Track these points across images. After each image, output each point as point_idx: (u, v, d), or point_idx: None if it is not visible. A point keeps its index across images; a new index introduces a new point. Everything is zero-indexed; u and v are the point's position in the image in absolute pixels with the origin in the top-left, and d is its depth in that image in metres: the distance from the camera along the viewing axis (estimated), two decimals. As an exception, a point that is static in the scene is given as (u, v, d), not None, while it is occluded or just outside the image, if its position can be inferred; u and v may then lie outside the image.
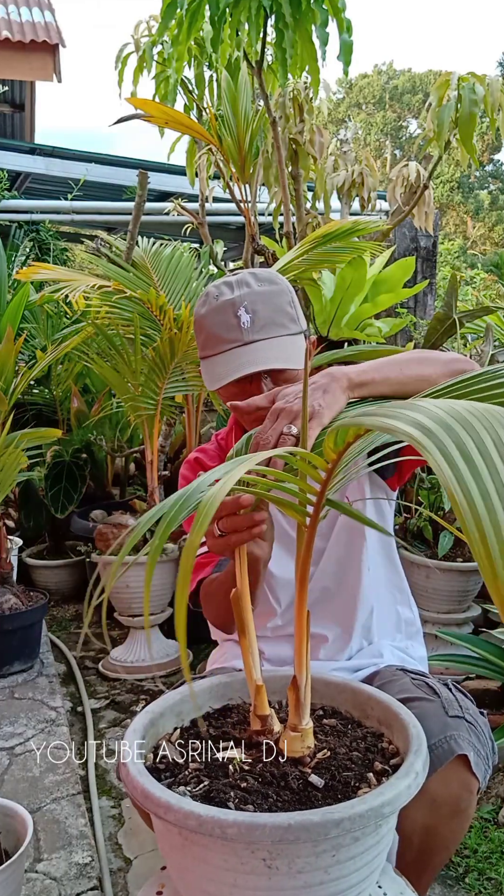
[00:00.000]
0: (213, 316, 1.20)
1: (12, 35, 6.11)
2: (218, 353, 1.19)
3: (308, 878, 0.74)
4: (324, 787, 0.82)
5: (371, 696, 0.97)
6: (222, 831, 0.72)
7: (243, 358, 1.17)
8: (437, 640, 2.48)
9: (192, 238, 4.84)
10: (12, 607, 2.53)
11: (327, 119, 13.80)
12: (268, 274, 1.23)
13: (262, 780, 0.84)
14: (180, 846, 0.79)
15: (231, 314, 1.18)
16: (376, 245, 2.52)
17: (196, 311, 1.25)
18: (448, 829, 1.07)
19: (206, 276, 3.22)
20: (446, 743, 1.02)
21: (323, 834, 0.71)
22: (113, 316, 2.62)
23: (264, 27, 2.40)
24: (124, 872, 1.63)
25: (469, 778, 1.03)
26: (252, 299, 1.18)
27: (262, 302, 1.18)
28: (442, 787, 1.02)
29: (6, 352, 2.51)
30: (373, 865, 0.80)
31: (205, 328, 1.22)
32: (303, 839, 0.71)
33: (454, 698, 1.10)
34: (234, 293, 1.19)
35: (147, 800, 0.78)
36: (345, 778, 0.83)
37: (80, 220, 5.61)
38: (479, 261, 13.06)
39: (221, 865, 0.76)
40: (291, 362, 1.18)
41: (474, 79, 2.55)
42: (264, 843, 0.72)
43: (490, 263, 9.14)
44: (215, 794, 0.81)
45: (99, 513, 3.38)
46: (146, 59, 3.05)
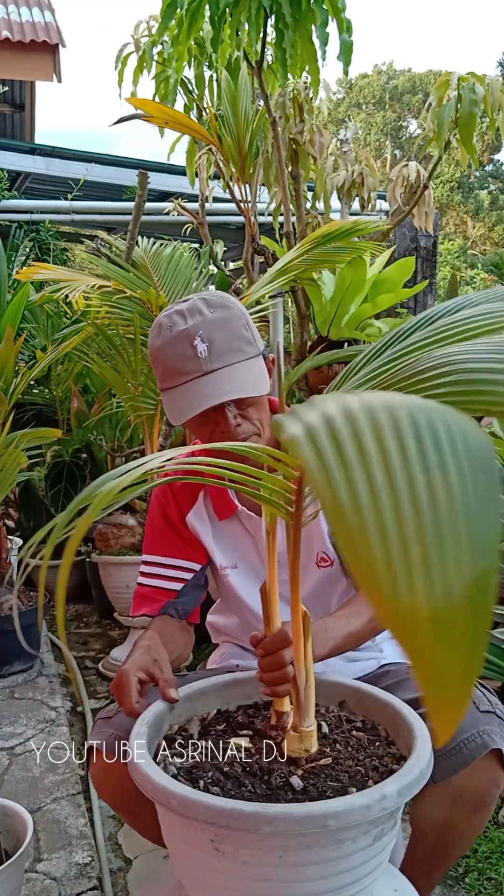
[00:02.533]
0: (168, 348, 1.17)
1: (12, 35, 6.11)
2: (178, 385, 1.17)
3: (259, 872, 0.77)
4: (301, 790, 0.83)
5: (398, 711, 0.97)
6: (167, 801, 0.77)
7: (205, 389, 1.14)
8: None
9: (192, 238, 4.84)
10: (12, 607, 2.53)
11: (327, 119, 13.81)
12: (219, 299, 1.20)
13: (246, 770, 0.86)
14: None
15: (187, 345, 1.14)
16: (376, 245, 2.52)
17: (150, 343, 1.21)
18: (468, 825, 1.07)
19: (206, 276, 3.22)
20: (479, 738, 1.02)
21: (254, 827, 0.73)
22: (113, 316, 2.62)
23: (264, 27, 2.40)
24: (124, 872, 1.63)
25: (499, 773, 1.03)
26: (207, 328, 1.15)
27: (217, 329, 1.15)
28: (468, 781, 1.02)
29: (6, 352, 2.51)
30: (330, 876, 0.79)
31: (161, 361, 1.19)
32: (242, 828, 0.73)
33: (482, 693, 1.10)
34: (188, 322, 1.16)
35: (133, 769, 0.84)
36: (327, 787, 0.83)
37: (80, 220, 5.60)
38: (479, 261, 13.07)
39: (182, 836, 0.82)
40: (254, 389, 1.16)
41: (474, 79, 2.55)
42: (200, 823, 0.75)
43: (490, 263, 9.14)
44: (195, 773, 0.86)
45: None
46: (146, 59, 3.05)
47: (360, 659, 1.28)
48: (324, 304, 2.83)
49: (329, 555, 1.28)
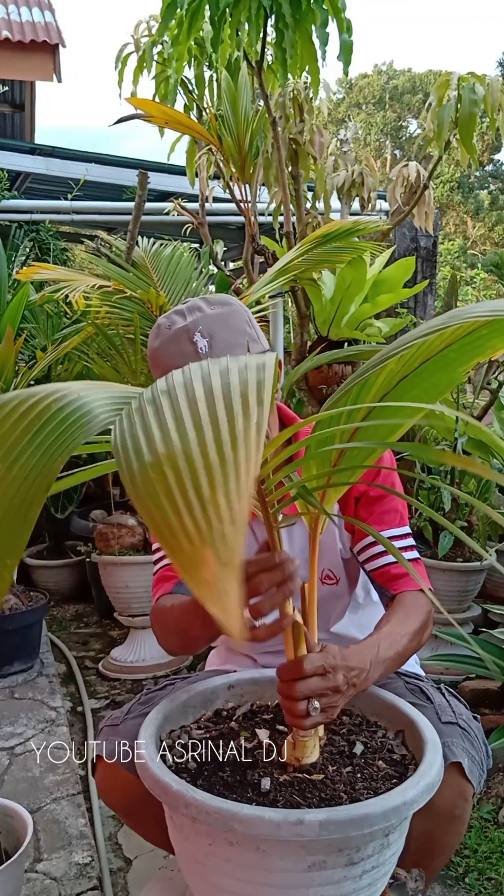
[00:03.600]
0: (167, 346, 1.11)
1: (12, 35, 6.11)
2: None
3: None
4: (265, 792, 0.84)
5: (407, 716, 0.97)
6: (180, 805, 0.79)
7: None
8: (437, 640, 2.47)
9: (192, 238, 4.83)
10: (12, 607, 2.53)
11: (327, 119, 13.80)
12: (220, 297, 1.15)
13: (234, 767, 0.88)
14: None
15: (186, 341, 1.09)
16: (376, 245, 2.52)
17: (150, 345, 1.16)
18: (444, 835, 1.06)
19: (206, 276, 3.22)
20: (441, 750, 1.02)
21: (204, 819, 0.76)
22: (113, 316, 2.62)
23: (264, 27, 2.40)
24: (124, 872, 1.63)
25: (464, 784, 1.01)
26: (207, 323, 1.09)
27: (218, 324, 1.09)
28: (437, 794, 1.01)
29: (6, 352, 2.51)
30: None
31: (160, 361, 1.12)
32: (203, 820, 0.76)
33: (447, 703, 1.09)
34: (188, 319, 1.10)
35: (138, 759, 0.88)
36: (299, 801, 0.83)
37: (80, 220, 5.60)
38: (479, 261, 13.06)
39: (193, 839, 0.84)
40: None
41: (474, 79, 2.55)
42: (180, 811, 0.78)
43: (490, 263, 9.14)
44: (182, 764, 0.91)
45: (99, 513, 3.38)
46: (146, 59, 3.05)
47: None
48: (324, 304, 2.83)
49: (335, 573, 1.26)
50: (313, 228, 2.96)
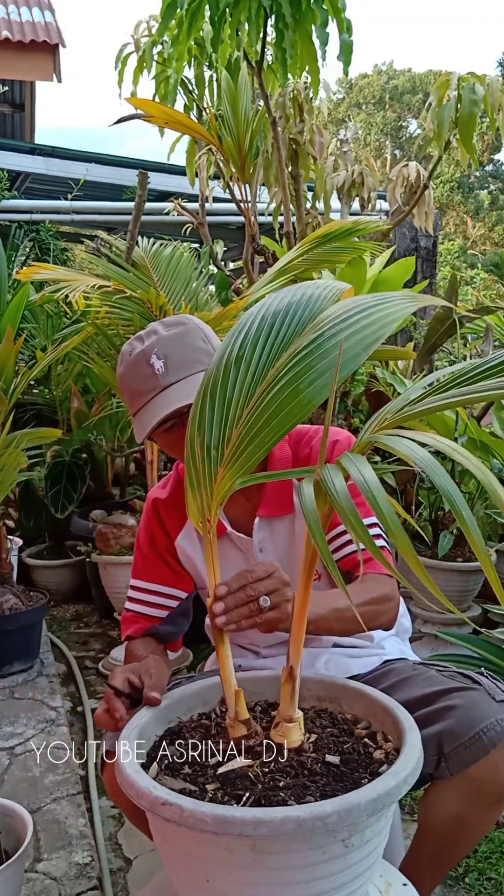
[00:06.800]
0: (129, 371, 1.23)
1: (12, 35, 6.11)
2: (143, 406, 1.21)
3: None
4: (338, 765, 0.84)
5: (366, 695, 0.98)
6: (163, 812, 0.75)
7: (161, 402, 1.19)
8: (437, 640, 2.47)
9: (192, 238, 4.83)
10: (12, 607, 2.53)
11: (327, 119, 13.80)
12: (175, 318, 1.26)
13: (285, 773, 0.85)
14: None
15: (144, 364, 1.20)
16: (376, 245, 2.51)
17: (117, 372, 1.27)
18: (482, 819, 1.06)
19: (206, 276, 3.22)
20: (498, 725, 1.02)
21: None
22: (113, 316, 2.62)
23: (264, 27, 2.40)
24: (124, 872, 1.63)
25: None
26: (162, 345, 1.20)
27: (172, 345, 1.20)
28: (490, 773, 1.02)
29: (6, 352, 2.51)
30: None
31: (126, 385, 1.24)
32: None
33: (494, 684, 1.10)
34: (145, 343, 1.22)
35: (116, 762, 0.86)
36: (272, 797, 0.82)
37: (80, 220, 5.60)
38: (479, 261, 13.06)
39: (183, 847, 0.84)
40: None
41: (474, 79, 2.55)
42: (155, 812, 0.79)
43: (490, 263, 9.15)
44: (172, 763, 0.90)
45: (99, 513, 3.38)
46: (146, 59, 3.05)
47: (362, 655, 1.28)
48: (324, 304, 2.83)
49: (318, 569, 1.28)
50: (313, 228, 2.96)
